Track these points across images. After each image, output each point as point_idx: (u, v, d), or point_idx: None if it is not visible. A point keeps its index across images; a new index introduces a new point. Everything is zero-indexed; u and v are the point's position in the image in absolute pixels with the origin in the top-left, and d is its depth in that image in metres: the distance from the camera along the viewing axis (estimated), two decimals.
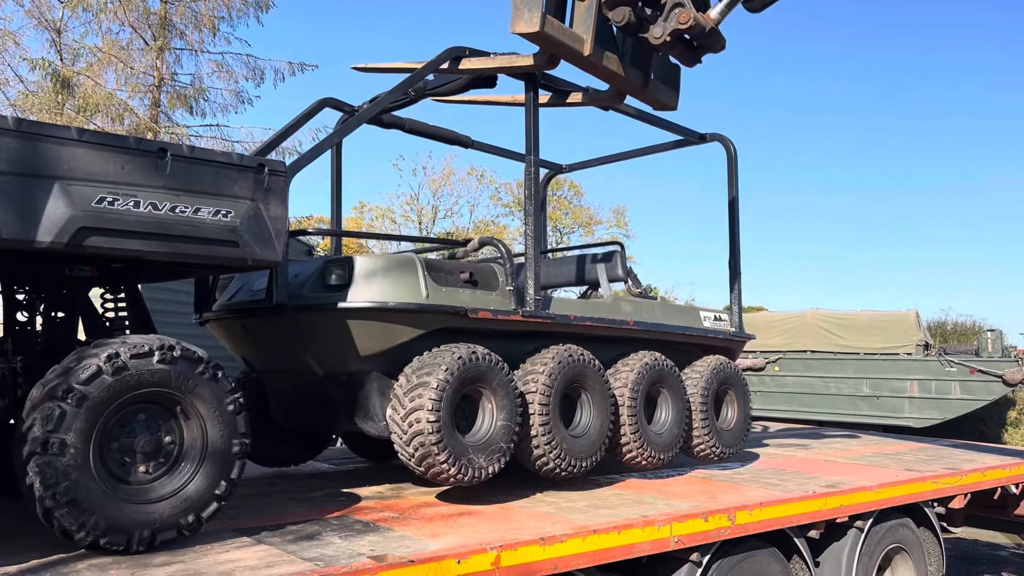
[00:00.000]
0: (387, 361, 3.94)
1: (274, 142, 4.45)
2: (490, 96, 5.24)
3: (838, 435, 8.47)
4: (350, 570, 2.68)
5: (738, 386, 5.55)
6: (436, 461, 3.66)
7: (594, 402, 4.44)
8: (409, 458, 3.72)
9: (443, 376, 3.70)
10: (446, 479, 3.73)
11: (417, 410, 3.65)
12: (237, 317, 4.19)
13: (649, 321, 5.10)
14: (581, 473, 4.36)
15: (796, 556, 4.53)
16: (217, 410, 3.05)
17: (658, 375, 4.87)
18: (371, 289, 3.81)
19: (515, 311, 4.21)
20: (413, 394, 3.69)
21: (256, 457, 4.77)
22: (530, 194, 4.44)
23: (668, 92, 4.83)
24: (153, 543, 2.89)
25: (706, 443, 5.22)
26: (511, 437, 3.97)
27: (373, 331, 3.86)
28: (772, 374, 14.99)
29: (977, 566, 8.62)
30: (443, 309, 3.93)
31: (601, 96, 4.96)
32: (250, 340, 4.32)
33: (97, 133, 2.93)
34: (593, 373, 4.44)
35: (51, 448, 2.67)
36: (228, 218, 3.14)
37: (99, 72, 18.11)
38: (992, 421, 15.16)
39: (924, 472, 5.56)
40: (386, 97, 4.35)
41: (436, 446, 3.63)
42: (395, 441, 3.76)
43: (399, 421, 3.71)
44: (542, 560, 3.17)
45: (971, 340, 16.70)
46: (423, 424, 3.63)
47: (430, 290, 3.93)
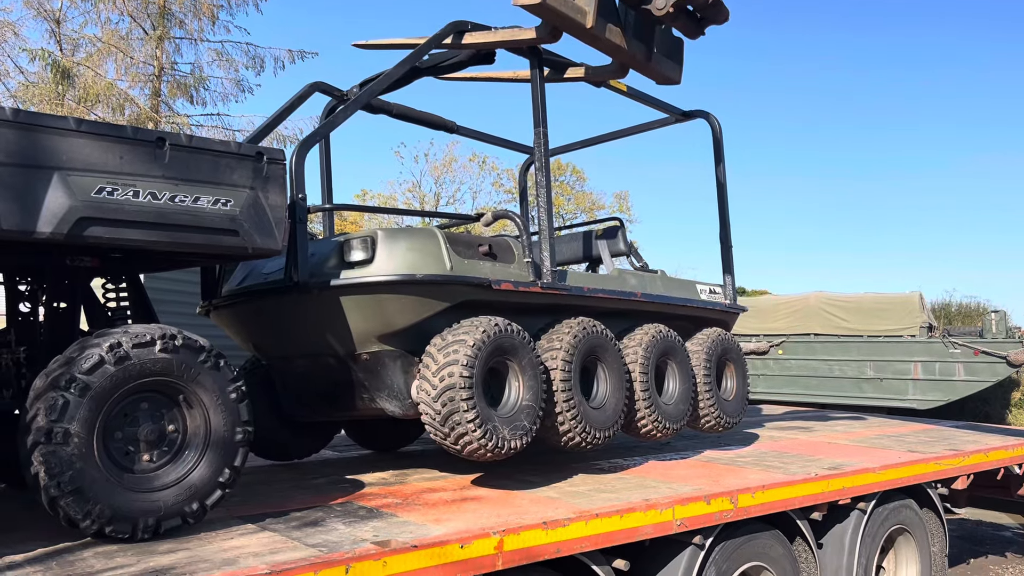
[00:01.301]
0: (410, 338, 3.89)
1: (266, 128, 4.42)
2: (490, 72, 5.21)
3: (841, 417, 8.48)
4: (354, 556, 2.69)
5: (737, 357, 5.60)
6: (464, 421, 3.58)
7: (610, 374, 4.45)
8: (436, 421, 3.64)
9: (479, 337, 3.68)
10: (472, 447, 3.65)
11: (452, 365, 3.60)
12: (250, 301, 4.11)
13: (654, 294, 5.13)
14: (602, 445, 4.37)
15: (799, 538, 4.55)
16: (220, 398, 3.06)
17: (666, 347, 4.89)
18: (395, 262, 3.75)
19: (534, 283, 4.20)
20: (448, 350, 3.64)
21: (265, 451, 4.75)
22: (540, 166, 4.43)
23: (672, 65, 4.80)
24: (158, 531, 2.91)
25: (711, 414, 5.24)
26: (537, 413, 3.93)
27: (398, 306, 3.81)
28: (776, 357, 14.99)
29: (981, 546, 8.64)
30: (467, 280, 3.90)
31: (604, 70, 4.92)
32: (264, 324, 4.24)
33: (95, 123, 2.93)
34: (609, 345, 4.45)
35: (55, 437, 2.69)
36: (228, 207, 3.15)
37: (99, 62, 18.09)
38: (996, 402, 15.16)
39: (927, 453, 5.57)
40: (393, 71, 4.26)
41: (465, 402, 3.57)
42: (423, 403, 3.67)
43: (430, 379, 3.63)
44: (545, 544, 3.18)
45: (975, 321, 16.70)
46: (456, 379, 3.58)
47: (453, 262, 3.90)
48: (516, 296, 4.15)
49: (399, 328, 3.87)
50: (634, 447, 5.63)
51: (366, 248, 3.77)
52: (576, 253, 5.99)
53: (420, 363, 3.77)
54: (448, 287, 3.86)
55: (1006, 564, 7.99)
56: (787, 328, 15.13)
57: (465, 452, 3.69)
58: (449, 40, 4.43)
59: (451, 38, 4.43)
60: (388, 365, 3.98)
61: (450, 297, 3.89)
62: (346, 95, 4.99)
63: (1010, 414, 15.18)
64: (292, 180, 3.76)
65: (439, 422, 3.63)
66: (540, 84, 4.46)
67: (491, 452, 3.69)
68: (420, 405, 3.71)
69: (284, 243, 3.39)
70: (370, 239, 3.80)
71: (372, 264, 3.75)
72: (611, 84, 5.23)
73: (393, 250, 3.78)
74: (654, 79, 4.87)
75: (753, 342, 15.08)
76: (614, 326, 4.72)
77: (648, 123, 6.29)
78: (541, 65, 4.51)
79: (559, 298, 4.39)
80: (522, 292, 4.14)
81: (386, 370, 4.00)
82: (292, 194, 3.73)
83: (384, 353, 3.96)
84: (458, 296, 3.91)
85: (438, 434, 3.69)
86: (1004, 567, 7.88)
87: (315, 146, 4.19)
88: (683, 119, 6.04)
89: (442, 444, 3.73)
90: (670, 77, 4.83)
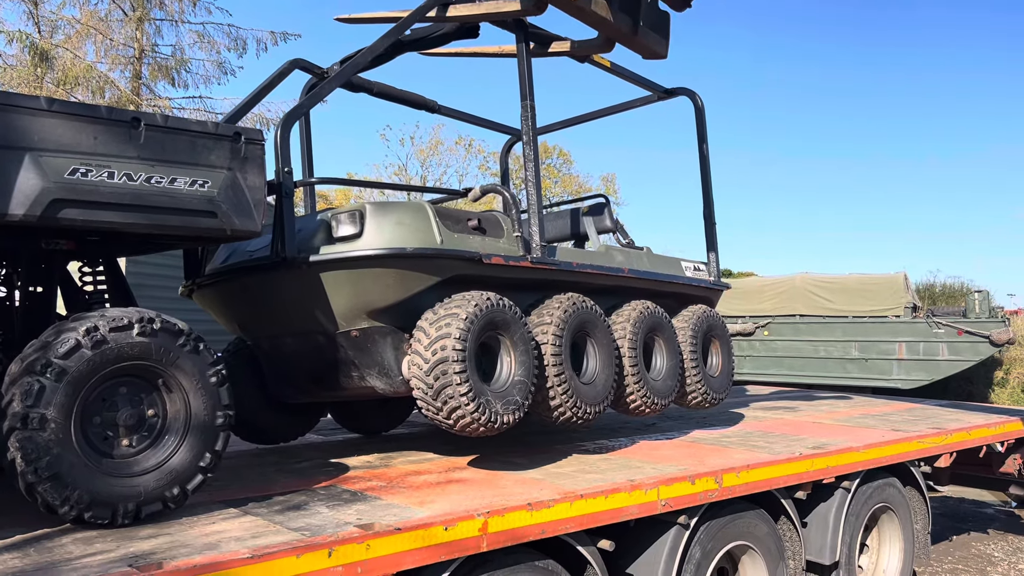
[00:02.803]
0: (400, 314, 3.84)
1: (245, 107, 4.33)
2: (474, 48, 5.15)
3: (826, 397, 8.54)
4: (337, 539, 2.67)
5: (722, 334, 5.62)
6: (457, 395, 3.54)
7: (600, 350, 4.43)
8: (429, 395, 3.59)
9: (471, 311, 3.64)
10: (464, 421, 3.60)
11: (444, 338, 3.56)
12: (235, 279, 4.02)
13: (641, 270, 5.12)
14: (593, 420, 4.36)
15: (783, 517, 4.58)
16: (200, 382, 3.02)
17: (653, 323, 4.89)
18: (385, 236, 3.68)
19: (523, 258, 4.16)
20: (440, 324, 3.60)
21: (251, 435, 4.70)
22: (528, 140, 4.39)
23: (658, 39, 4.75)
24: (138, 516, 2.88)
25: (698, 390, 5.25)
26: (529, 388, 3.90)
27: (388, 281, 3.74)
28: (761, 338, 15.07)
29: (963, 523, 8.75)
30: (458, 254, 3.85)
31: (589, 45, 4.87)
32: (250, 303, 4.14)
33: (68, 103, 2.87)
34: (598, 321, 4.43)
35: (31, 423, 2.65)
36: (205, 188, 3.10)
37: (78, 44, 17.80)
38: (979, 381, 15.33)
39: (910, 432, 5.61)
40: (377, 44, 4.18)
41: (458, 375, 3.53)
42: (415, 378, 3.63)
43: (422, 353, 3.59)
44: (529, 525, 3.18)
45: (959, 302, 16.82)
46: (448, 352, 3.54)
47: (443, 236, 3.84)
48: (506, 271, 4.10)
49: (389, 304, 3.81)
50: (620, 428, 5.65)
51: (354, 222, 3.70)
52: (563, 230, 5.97)
53: (411, 338, 3.72)
54: (438, 261, 3.81)
55: (988, 540, 8.09)
56: (773, 309, 15.21)
57: (458, 427, 3.64)
58: (433, 13, 4.36)
59: (435, 10, 4.35)
60: (378, 342, 3.92)
61: (440, 272, 3.83)
62: (326, 72, 4.92)
63: (993, 393, 15.35)
64: (277, 154, 3.69)
65: (431, 396, 3.58)
66: (527, 57, 4.41)
67: (484, 426, 3.65)
68: (412, 380, 3.66)
69: (263, 225, 3.34)
70: (358, 213, 3.72)
71: (361, 238, 3.68)
72: (595, 59, 5.18)
73: (382, 224, 3.72)
74: (640, 53, 4.81)
75: (739, 323, 15.16)
76: (602, 303, 4.70)
77: (630, 101, 6.25)
78: (527, 38, 4.45)
79: (548, 273, 4.36)
80: (512, 267, 4.10)
81: (376, 347, 3.93)
82: (278, 168, 3.66)
83: (374, 329, 3.89)
84: (448, 271, 3.86)
85: (430, 409, 3.64)
86: (986, 543, 7.99)
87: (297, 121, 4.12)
88: (665, 96, 6.01)
89: (434, 420, 3.68)
90: (656, 51, 4.78)
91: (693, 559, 3.91)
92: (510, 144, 7.01)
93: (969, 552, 7.70)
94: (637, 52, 4.79)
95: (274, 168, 3.69)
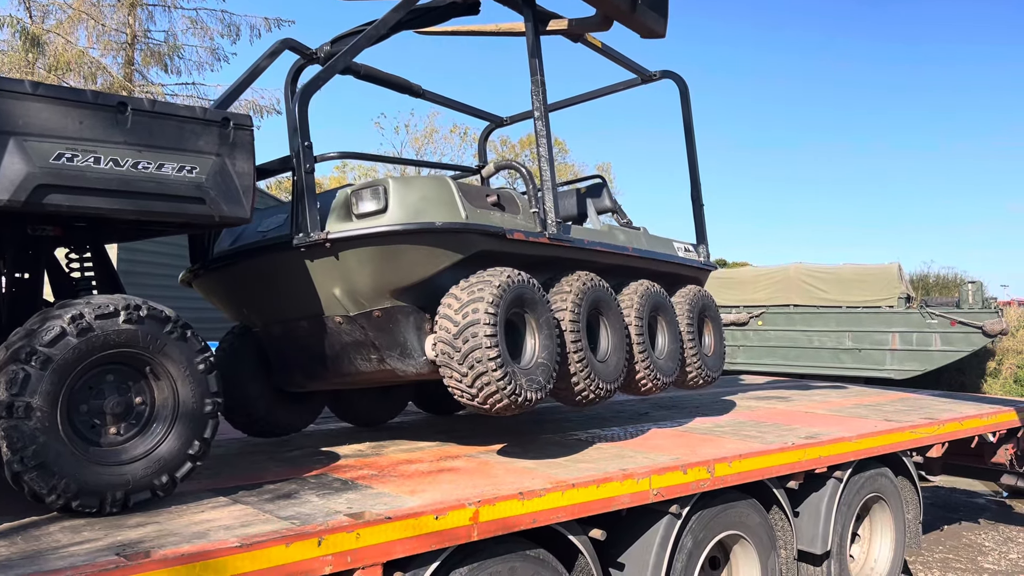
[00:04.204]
0: (422, 293, 3.76)
1: (237, 90, 4.26)
2: (473, 26, 5.08)
3: (819, 387, 8.55)
4: (326, 528, 2.66)
5: (714, 314, 5.65)
6: (489, 370, 3.44)
7: (611, 328, 4.42)
8: (458, 371, 3.51)
9: (503, 280, 3.59)
10: (495, 397, 3.52)
11: (474, 312, 3.48)
12: (247, 262, 3.86)
13: (643, 249, 5.12)
14: (609, 398, 4.36)
15: (775, 507, 4.58)
16: (187, 369, 3.00)
17: (656, 302, 4.90)
18: (410, 210, 3.56)
19: (541, 234, 4.11)
20: (470, 298, 3.52)
21: (251, 427, 4.54)
22: (540, 115, 4.35)
23: (656, 18, 4.69)
24: (127, 504, 2.86)
25: (696, 369, 5.28)
26: (552, 372, 3.84)
27: (414, 257, 3.64)
28: (755, 328, 15.08)
29: (955, 513, 8.79)
30: (484, 229, 3.77)
31: (587, 22, 4.81)
32: (262, 287, 3.97)
33: (53, 87, 2.82)
34: (610, 299, 4.43)
35: (16, 411, 2.62)
36: (193, 174, 3.06)
37: (70, 30, 17.67)
38: (972, 372, 15.36)
39: (902, 422, 5.61)
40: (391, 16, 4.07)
41: (488, 339, 3.45)
42: (442, 355, 3.55)
43: (450, 329, 3.50)
44: (521, 514, 3.17)
45: (952, 292, 16.84)
46: (480, 315, 3.46)
47: (467, 211, 3.76)
48: (525, 247, 4.04)
49: (413, 282, 3.71)
50: (612, 417, 5.64)
51: (378, 197, 3.56)
52: (567, 210, 5.94)
53: (436, 315, 3.62)
54: (464, 236, 3.71)
55: (979, 530, 8.13)
56: (767, 299, 15.20)
57: (482, 397, 3.53)
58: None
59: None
60: (401, 322, 3.79)
61: (465, 248, 3.74)
62: (315, 53, 4.86)
63: (985, 383, 15.39)
64: (298, 126, 3.58)
65: (458, 361, 3.49)
66: (535, 34, 4.37)
67: (508, 399, 3.54)
68: (439, 357, 3.57)
69: (252, 211, 3.30)
70: (382, 188, 3.58)
71: (385, 214, 3.54)
72: (587, 39, 5.13)
73: (407, 198, 3.60)
74: (638, 32, 4.76)
75: (733, 313, 15.16)
76: (607, 281, 4.68)
77: (615, 85, 6.20)
78: (535, 13, 4.40)
79: (562, 251, 4.32)
80: (531, 243, 4.05)
81: (398, 327, 3.81)
82: (297, 143, 3.56)
83: (396, 309, 3.77)
84: (473, 246, 3.76)
85: (458, 385, 3.55)
86: (977, 533, 8.02)
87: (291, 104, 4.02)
88: (650, 80, 5.97)
89: (461, 396, 3.58)
90: (655, 30, 4.72)
91: (685, 548, 3.91)
92: (488, 131, 6.94)
93: (960, 542, 7.73)
94: (635, 31, 4.73)
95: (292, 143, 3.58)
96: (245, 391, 4.37)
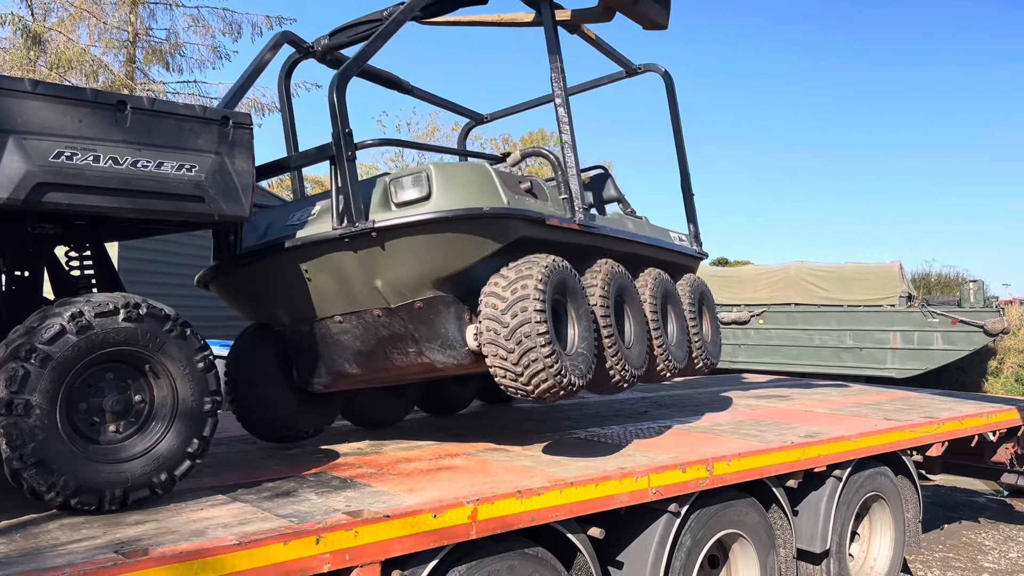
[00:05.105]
0: (461, 283, 3.71)
1: (242, 87, 4.21)
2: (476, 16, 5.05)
3: (819, 386, 8.54)
4: (325, 526, 2.66)
5: (710, 303, 5.72)
6: (538, 347, 3.42)
7: (633, 314, 4.46)
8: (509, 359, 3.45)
9: (548, 263, 3.58)
10: (546, 385, 3.50)
11: (523, 300, 3.46)
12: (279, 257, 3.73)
13: (652, 238, 5.16)
14: (636, 384, 4.40)
15: (775, 506, 4.58)
16: (187, 368, 3.00)
17: (667, 290, 4.95)
18: (455, 197, 3.50)
19: (572, 220, 4.10)
20: (515, 285, 3.49)
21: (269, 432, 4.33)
22: (562, 102, 4.36)
23: (658, 10, 4.69)
24: (125, 502, 2.87)
25: (699, 355, 5.33)
26: (591, 362, 3.83)
27: (459, 245, 3.58)
28: (757, 327, 15.07)
29: (955, 512, 8.78)
30: (525, 215, 3.74)
31: (589, 13, 4.80)
32: (299, 281, 3.80)
33: (53, 85, 2.83)
34: (631, 286, 4.47)
35: (16, 409, 2.63)
36: (192, 172, 3.06)
37: (72, 27, 17.67)
38: (973, 371, 15.36)
39: (902, 421, 5.61)
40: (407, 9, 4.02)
41: (541, 337, 3.42)
42: (489, 344, 3.50)
43: (499, 318, 3.46)
44: (519, 513, 3.17)
45: (954, 291, 16.82)
46: (530, 314, 3.43)
47: (508, 197, 3.72)
48: (558, 234, 4.02)
49: (456, 271, 3.65)
50: (612, 416, 5.64)
51: (420, 185, 3.51)
52: None
53: (481, 296, 3.59)
54: (506, 222, 3.67)
55: (979, 529, 8.12)
56: (768, 298, 15.20)
57: (531, 382, 3.50)
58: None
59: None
60: (442, 312, 3.73)
61: (507, 234, 3.69)
62: (311, 47, 4.85)
63: (986, 382, 15.38)
64: (336, 115, 3.52)
65: (513, 362, 3.46)
66: (553, 22, 4.38)
67: (555, 379, 3.51)
68: (485, 346, 3.53)
69: (251, 209, 3.30)
70: (424, 175, 3.53)
71: (429, 201, 3.48)
72: (583, 31, 5.12)
73: (451, 185, 3.55)
74: (641, 23, 4.75)
75: (734, 312, 15.16)
76: None
77: (599, 79, 6.20)
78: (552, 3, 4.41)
79: (589, 238, 4.33)
80: (564, 230, 4.05)
81: (439, 318, 3.74)
82: (337, 130, 3.51)
83: (438, 300, 3.70)
84: (514, 233, 3.72)
85: (503, 364, 3.50)
86: (977, 532, 8.02)
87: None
88: (634, 73, 5.96)
89: (505, 377, 3.54)
90: (657, 21, 4.72)
91: (683, 547, 3.91)
92: (469, 128, 6.92)
93: (960, 540, 7.73)
94: (637, 22, 4.72)
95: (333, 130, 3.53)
96: (265, 395, 4.21)
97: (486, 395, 6.31)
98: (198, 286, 4.32)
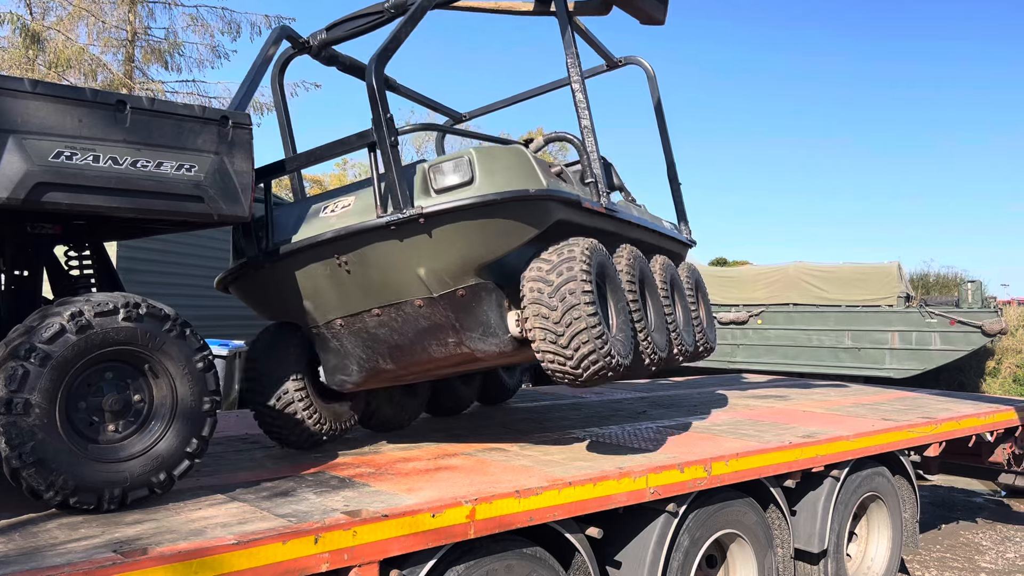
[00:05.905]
0: (500, 270, 3.68)
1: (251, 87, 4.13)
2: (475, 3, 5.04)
3: (818, 386, 8.55)
4: (323, 526, 2.67)
5: (704, 289, 5.79)
6: (589, 327, 3.40)
7: (652, 299, 4.51)
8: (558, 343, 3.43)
9: (587, 247, 3.58)
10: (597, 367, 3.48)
11: (570, 281, 3.45)
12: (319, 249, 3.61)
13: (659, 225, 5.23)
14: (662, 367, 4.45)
15: (772, 505, 4.59)
16: (186, 368, 3.01)
17: (673, 276, 5.02)
18: (499, 180, 3.47)
19: (598, 204, 4.11)
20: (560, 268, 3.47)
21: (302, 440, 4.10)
22: (579, 87, 4.38)
23: (656, 4, 4.69)
24: (124, 501, 2.87)
25: (700, 339, 5.40)
26: (629, 347, 3.83)
27: (503, 229, 3.53)
28: (755, 327, 15.08)
29: (952, 512, 8.80)
30: (566, 198, 3.73)
31: (587, 6, 4.80)
32: (336, 275, 3.69)
33: (52, 85, 2.83)
34: (648, 272, 4.53)
35: (15, 408, 2.63)
36: (192, 172, 3.07)
37: (70, 26, 17.66)
38: (971, 371, 15.37)
39: (900, 421, 5.62)
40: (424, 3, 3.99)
41: (589, 308, 3.40)
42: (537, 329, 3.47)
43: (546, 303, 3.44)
44: (517, 512, 3.18)
45: (952, 291, 16.83)
46: (578, 296, 3.41)
47: (547, 179, 3.70)
48: (588, 218, 4.02)
49: (497, 256, 3.60)
50: (610, 416, 5.65)
51: (462, 169, 3.46)
52: None
53: (523, 282, 3.57)
54: (547, 205, 3.63)
55: (976, 529, 8.14)
56: (767, 298, 15.20)
57: (581, 365, 3.48)
58: None
59: None
60: (484, 299, 3.67)
61: (547, 217, 3.66)
62: (307, 42, 4.85)
63: (984, 383, 15.40)
64: (378, 99, 3.47)
65: (557, 332, 3.43)
66: (565, 9, 4.40)
67: (604, 360, 3.49)
68: (532, 331, 3.50)
69: (251, 209, 3.31)
70: (466, 159, 3.48)
71: (472, 186, 3.44)
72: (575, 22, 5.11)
73: (493, 169, 3.50)
74: (638, 17, 4.75)
75: (733, 312, 15.17)
76: None
77: None
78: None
79: (611, 223, 4.35)
80: (594, 214, 4.06)
81: (481, 305, 3.68)
82: (377, 116, 3.47)
83: (480, 287, 3.65)
84: (553, 216, 3.68)
85: (552, 348, 3.47)
86: (974, 532, 8.03)
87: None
88: (615, 67, 5.96)
89: (554, 360, 3.51)
90: (654, 16, 4.71)
91: (681, 547, 3.92)
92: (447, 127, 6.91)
93: (958, 541, 7.74)
94: (635, 16, 4.72)
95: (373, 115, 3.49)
96: (290, 398, 4.02)
97: (485, 397, 6.33)
98: (218, 288, 4.18)
